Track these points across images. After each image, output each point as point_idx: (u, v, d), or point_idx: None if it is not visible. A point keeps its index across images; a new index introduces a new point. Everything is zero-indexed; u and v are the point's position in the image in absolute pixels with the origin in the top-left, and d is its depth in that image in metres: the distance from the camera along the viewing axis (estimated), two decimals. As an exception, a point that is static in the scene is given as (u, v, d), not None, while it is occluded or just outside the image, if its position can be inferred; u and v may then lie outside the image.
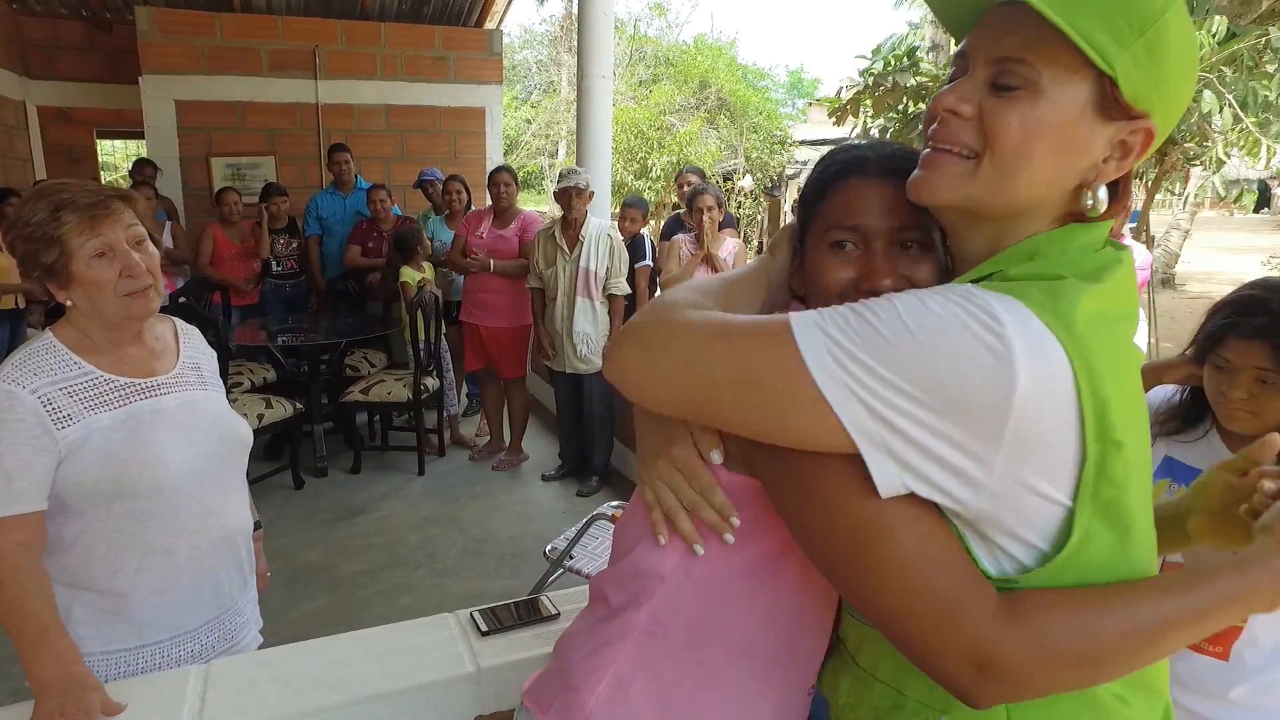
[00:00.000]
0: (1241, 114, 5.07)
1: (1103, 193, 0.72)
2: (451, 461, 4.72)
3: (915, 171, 0.75)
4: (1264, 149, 5.19)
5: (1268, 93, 5.20)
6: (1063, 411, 0.64)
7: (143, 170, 5.74)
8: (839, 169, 0.86)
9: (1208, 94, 4.99)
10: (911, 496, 0.68)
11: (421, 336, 4.39)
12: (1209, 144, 5.47)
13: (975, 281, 0.72)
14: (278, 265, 5.37)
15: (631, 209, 4.81)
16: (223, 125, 6.21)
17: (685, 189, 4.73)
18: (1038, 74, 0.67)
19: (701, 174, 5.13)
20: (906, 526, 0.67)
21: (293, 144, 6.41)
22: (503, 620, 1.64)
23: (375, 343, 5.07)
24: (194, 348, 1.52)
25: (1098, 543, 0.68)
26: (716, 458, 0.81)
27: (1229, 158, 5.51)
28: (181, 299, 4.66)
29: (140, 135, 6.26)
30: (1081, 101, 0.68)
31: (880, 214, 0.81)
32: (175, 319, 1.55)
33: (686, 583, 0.85)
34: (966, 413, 0.63)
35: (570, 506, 4.12)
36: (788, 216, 18.30)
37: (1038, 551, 0.69)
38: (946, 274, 0.83)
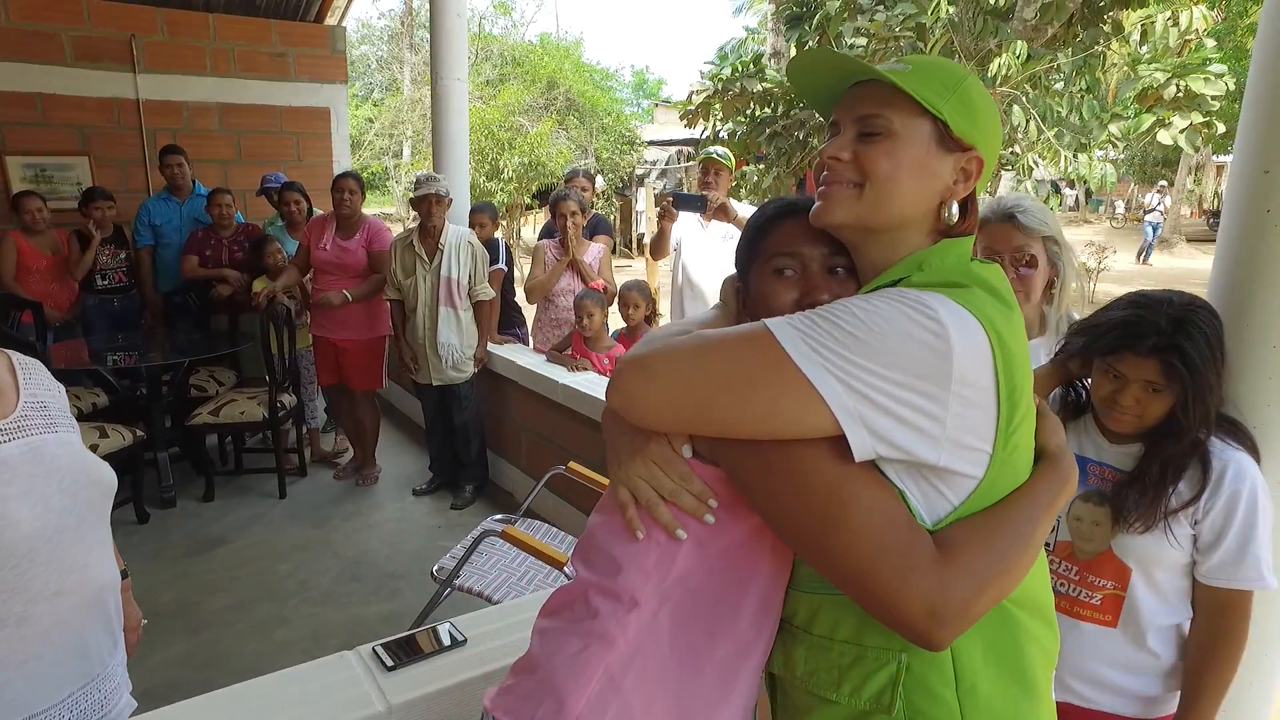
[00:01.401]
0: (1042, 126, 5.71)
1: (955, 208, 0.93)
2: (315, 481, 4.49)
3: (815, 204, 0.95)
4: (1061, 157, 5.87)
5: (1059, 109, 5.89)
6: (986, 376, 0.81)
7: None
8: (775, 213, 1.04)
9: (1016, 109, 5.59)
10: (864, 466, 0.82)
11: (275, 350, 4.15)
12: (1018, 152, 6.12)
13: (885, 286, 0.89)
14: (103, 279, 4.88)
15: (480, 214, 4.75)
16: (18, 119, 5.49)
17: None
18: (890, 121, 0.89)
19: (590, 177, 5.10)
20: (865, 492, 0.81)
21: (111, 144, 5.82)
22: (409, 652, 1.61)
23: (223, 360, 4.72)
24: (37, 384, 1.34)
25: (1002, 475, 0.86)
26: (687, 451, 0.93)
27: (1036, 165, 6.20)
28: (-16, 319, 4.15)
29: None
30: (926, 137, 0.90)
31: (813, 242, 0.98)
32: (10, 353, 1.36)
33: (670, 576, 0.92)
34: (920, 381, 0.79)
35: (446, 520, 4.03)
36: (640, 216, 18.56)
37: (965, 491, 0.84)
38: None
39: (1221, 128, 5.77)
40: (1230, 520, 1.34)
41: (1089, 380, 1.49)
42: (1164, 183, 20.07)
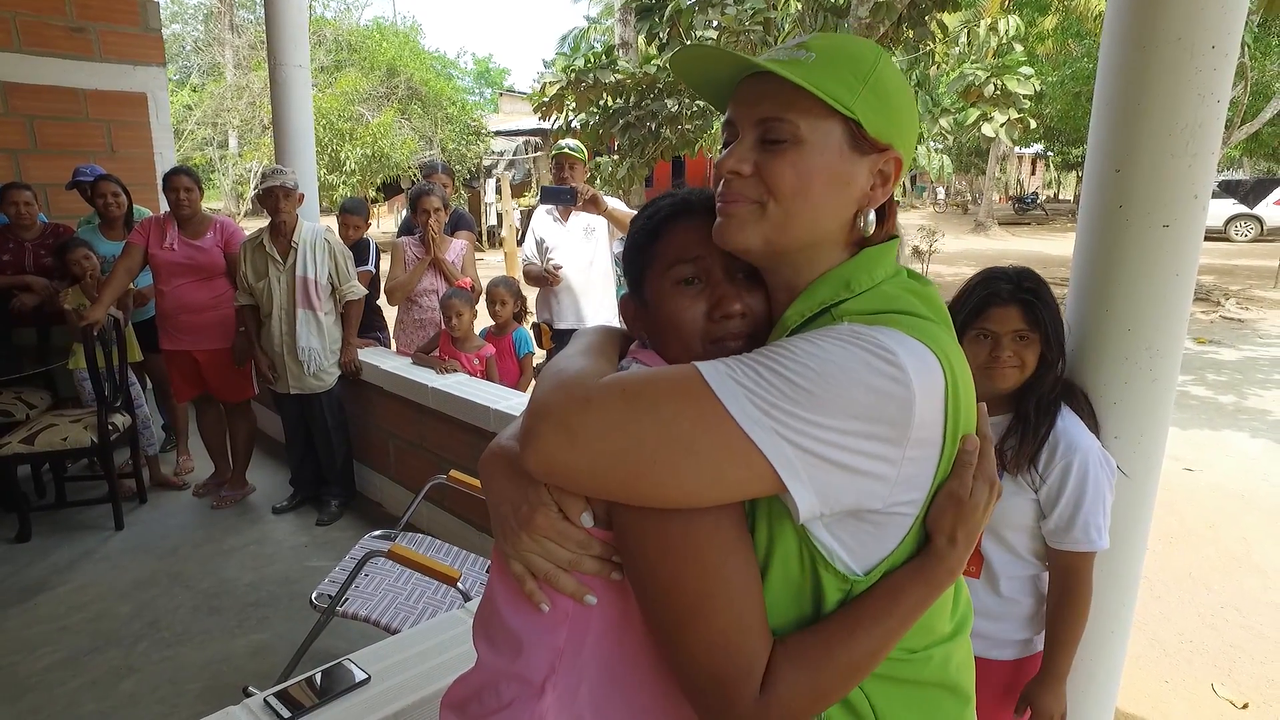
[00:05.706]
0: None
1: (872, 216, 0.86)
2: (157, 508, 4.05)
3: (717, 221, 0.84)
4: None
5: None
6: (939, 415, 0.75)
7: None
8: (668, 213, 0.93)
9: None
10: (746, 545, 0.76)
11: (102, 365, 3.70)
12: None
13: (817, 314, 0.82)
14: None
15: (352, 215, 4.47)
16: None
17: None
18: (796, 127, 0.79)
19: (450, 172, 4.87)
20: (736, 579, 0.75)
21: None
22: (304, 700, 1.47)
23: (33, 379, 4.15)
24: None
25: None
26: (587, 520, 0.81)
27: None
28: None
29: None
30: (837, 142, 0.80)
31: (714, 245, 0.87)
32: None
33: (585, 650, 0.83)
34: (878, 428, 0.72)
35: (312, 538, 3.76)
36: (489, 209, 18.14)
37: (900, 533, 0.78)
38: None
39: (1033, 124, 6.36)
40: (1063, 489, 1.51)
41: None
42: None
